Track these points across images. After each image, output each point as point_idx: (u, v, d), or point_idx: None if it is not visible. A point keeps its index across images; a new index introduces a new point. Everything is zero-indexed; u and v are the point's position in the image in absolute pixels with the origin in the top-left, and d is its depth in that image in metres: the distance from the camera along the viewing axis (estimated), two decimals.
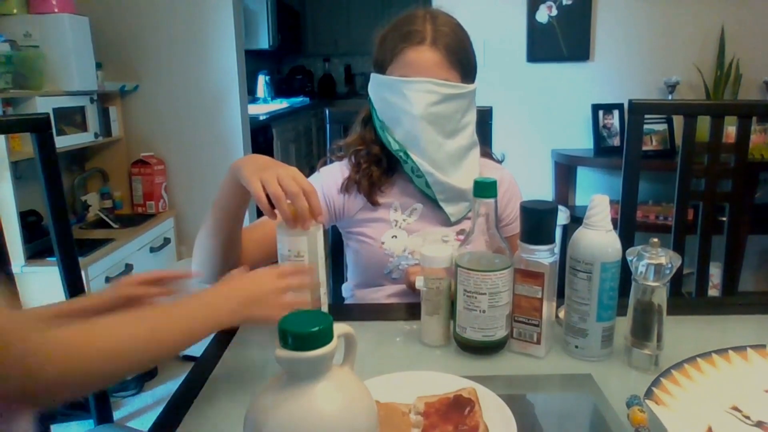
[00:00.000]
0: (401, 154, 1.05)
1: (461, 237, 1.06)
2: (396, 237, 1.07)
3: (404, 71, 1.02)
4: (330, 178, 1.12)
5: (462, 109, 1.05)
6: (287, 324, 0.42)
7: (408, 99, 1.01)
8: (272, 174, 0.78)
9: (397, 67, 1.03)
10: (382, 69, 1.06)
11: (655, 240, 0.74)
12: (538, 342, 0.79)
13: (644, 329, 0.75)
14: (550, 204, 0.78)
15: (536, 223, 0.76)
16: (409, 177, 1.08)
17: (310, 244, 0.78)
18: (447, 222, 1.08)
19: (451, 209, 1.07)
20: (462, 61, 1.04)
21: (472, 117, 1.08)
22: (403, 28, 1.05)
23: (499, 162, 1.22)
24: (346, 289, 1.20)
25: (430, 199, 1.08)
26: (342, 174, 1.12)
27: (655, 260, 0.73)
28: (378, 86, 1.07)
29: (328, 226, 1.15)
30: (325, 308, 0.83)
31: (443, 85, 1.01)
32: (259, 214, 0.87)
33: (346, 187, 1.10)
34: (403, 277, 1.06)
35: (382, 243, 1.07)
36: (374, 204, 1.09)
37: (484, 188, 0.77)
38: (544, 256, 0.77)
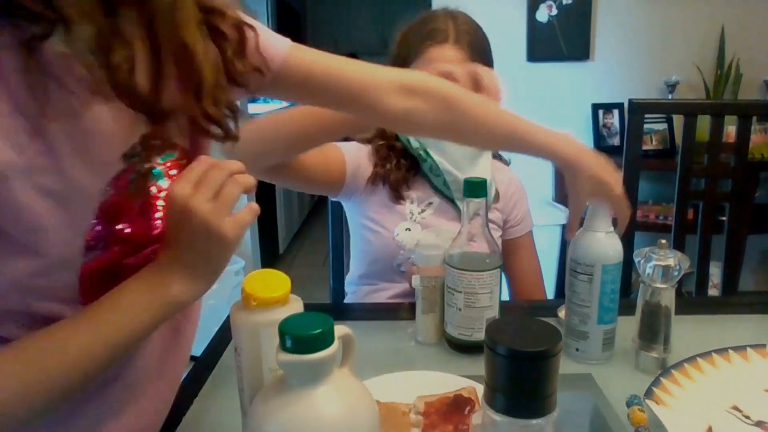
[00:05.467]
0: (421, 152, 1.05)
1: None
2: (410, 230, 1.07)
3: (427, 69, 1.02)
4: (353, 147, 1.10)
5: None
6: (288, 327, 0.42)
7: None
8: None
9: (420, 65, 1.03)
10: (404, 67, 1.06)
11: (663, 241, 0.74)
12: None
13: (651, 331, 0.75)
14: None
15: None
16: (427, 176, 1.08)
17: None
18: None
19: None
20: (483, 60, 1.05)
21: None
22: (426, 26, 1.05)
23: (507, 164, 1.23)
24: (350, 283, 1.19)
25: (446, 196, 1.09)
26: (361, 153, 1.10)
27: (663, 262, 0.72)
28: None
29: (339, 196, 1.12)
30: None
31: None
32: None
33: (372, 180, 1.09)
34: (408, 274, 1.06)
35: (396, 235, 1.07)
36: (399, 199, 1.08)
37: (475, 188, 0.76)
38: None
